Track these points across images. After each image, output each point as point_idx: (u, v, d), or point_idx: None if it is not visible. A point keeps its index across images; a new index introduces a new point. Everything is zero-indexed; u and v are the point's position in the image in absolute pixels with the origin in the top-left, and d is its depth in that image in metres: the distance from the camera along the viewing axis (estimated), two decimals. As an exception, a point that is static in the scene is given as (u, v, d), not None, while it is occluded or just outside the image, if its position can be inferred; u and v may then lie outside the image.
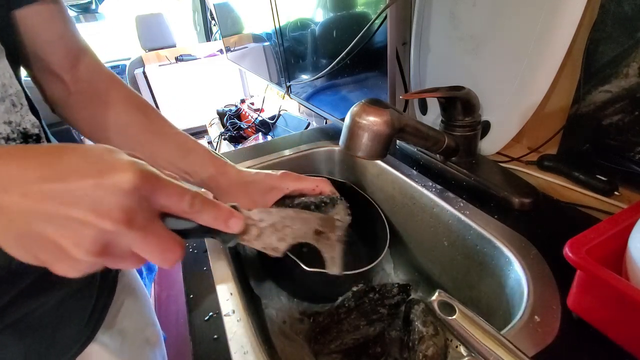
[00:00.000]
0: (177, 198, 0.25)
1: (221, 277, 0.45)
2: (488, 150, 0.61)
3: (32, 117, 0.36)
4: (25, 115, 0.36)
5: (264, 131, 1.62)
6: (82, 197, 0.21)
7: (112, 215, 0.21)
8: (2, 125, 0.33)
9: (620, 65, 0.45)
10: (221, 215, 0.28)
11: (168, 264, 0.24)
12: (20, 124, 0.35)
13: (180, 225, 0.26)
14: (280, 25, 1.00)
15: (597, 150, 0.51)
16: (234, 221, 0.29)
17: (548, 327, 0.33)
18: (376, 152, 0.46)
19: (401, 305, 0.51)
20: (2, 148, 0.22)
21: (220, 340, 0.37)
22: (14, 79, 0.35)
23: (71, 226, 0.21)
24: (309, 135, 0.84)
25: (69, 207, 0.21)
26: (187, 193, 0.25)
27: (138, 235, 0.23)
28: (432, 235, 0.57)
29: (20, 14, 0.37)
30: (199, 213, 0.26)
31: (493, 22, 0.54)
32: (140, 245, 0.23)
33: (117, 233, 0.22)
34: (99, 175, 0.21)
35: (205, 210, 0.27)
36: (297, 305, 0.59)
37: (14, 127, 0.35)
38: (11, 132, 0.34)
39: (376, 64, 0.67)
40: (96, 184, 0.21)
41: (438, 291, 0.28)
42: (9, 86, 0.34)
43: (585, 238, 0.32)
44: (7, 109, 0.34)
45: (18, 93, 0.35)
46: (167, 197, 0.24)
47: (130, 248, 0.23)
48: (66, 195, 0.21)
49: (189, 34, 3.50)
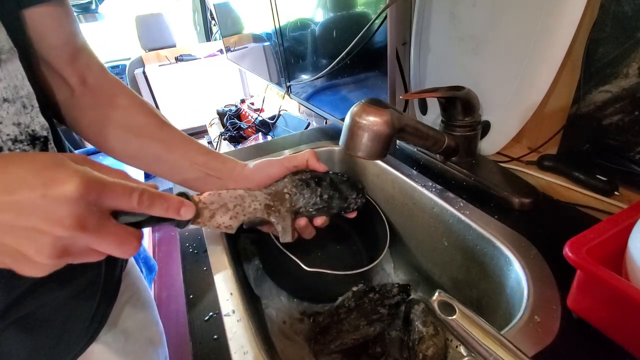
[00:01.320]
0: (125, 198, 0.26)
1: (221, 277, 0.45)
2: (488, 150, 0.61)
3: (42, 119, 0.36)
4: (35, 117, 0.36)
5: (264, 131, 1.62)
6: (33, 209, 0.22)
7: (64, 223, 0.23)
8: (11, 127, 0.34)
9: (620, 65, 0.45)
10: (172, 206, 0.30)
11: (127, 255, 0.27)
12: (29, 126, 0.35)
13: (135, 218, 0.29)
14: (280, 25, 1.00)
15: (597, 150, 0.51)
16: (185, 209, 0.31)
17: (548, 327, 0.33)
18: (376, 152, 0.46)
19: (401, 305, 0.51)
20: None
21: (220, 340, 0.37)
22: (25, 81, 0.35)
23: (29, 235, 0.22)
24: (309, 135, 0.84)
25: (23, 219, 0.22)
26: (134, 191, 0.27)
27: (93, 236, 0.24)
28: (432, 235, 0.57)
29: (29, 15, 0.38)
30: (150, 207, 0.28)
31: (493, 22, 0.54)
32: (97, 243, 0.25)
33: (72, 237, 0.23)
34: (44, 187, 0.22)
35: (155, 204, 0.29)
36: (297, 305, 0.59)
37: (23, 129, 0.35)
38: (19, 133, 0.34)
39: (376, 64, 0.67)
40: (43, 195, 0.22)
41: (438, 291, 0.28)
42: (21, 88, 0.34)
43: (585, 238, 0.32)
44: (17, 111, 0.34)
45: (29, 95, 0.35)
46: (115, 199, 0.26)
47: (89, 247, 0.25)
48: (17, 207, 0.22)
49: (189, 34, 3.50)
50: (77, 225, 0.23)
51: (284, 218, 0.41)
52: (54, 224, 0.23)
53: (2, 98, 0.32)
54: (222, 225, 0.37)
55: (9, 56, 0.33)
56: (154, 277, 1.67)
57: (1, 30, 0.33)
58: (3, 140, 0.33)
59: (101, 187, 0.25)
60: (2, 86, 0.32)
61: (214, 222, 0.37)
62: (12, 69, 0.33)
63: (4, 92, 0.33)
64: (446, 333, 0.43)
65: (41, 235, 0.23)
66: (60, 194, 0.23)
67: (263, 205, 0.40)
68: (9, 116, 0.33)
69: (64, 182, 0.23)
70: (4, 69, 0.33)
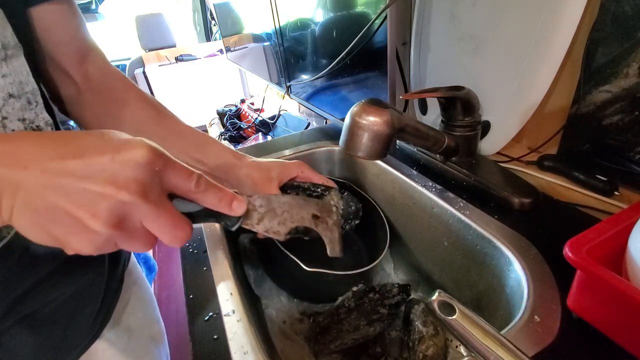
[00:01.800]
0: (184, 177, 0.26)
1: (221, 277, 0.45)
2: (488, 150, 0.61)
3: (46, 115, 0.37)
4: (39, 113, 0.36)
5: (264, 131, 1.62)
6: (100, 171, 0.22)
7: (129, 187, 0.22)
8: (16, 122, 0.34)
9: (620, 65, 0.45)
10: (225, 197, 0.29)
11: (177, 242, 0.26)
12: (34, 122, 0.36)
13: (187, 207, 0.28)
14: (280, 25, 1.00)
15: (597, 150, 0.51)
16: (237, 204, 0.30)
17: (548, 327, 0.33)
18: (376, 152, 0.46)
19: (401, 305, 0.51)
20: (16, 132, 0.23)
21: (220, 340, 0.37)
22: (30, 77, 0.35)
23: (89, 198, 0.22)
24: (309, 135, 0.84)
25: (87, 181, 0.22)
26: (193, 173, 0.27)
27: (152, 209, 0.24)
28: (432, 235, 0.57)
29: (36, 12, 0.38)
30: (204, 194, 0.28)
31: (493, 22, 0.54)
32: (153, 219, 0.24)
33: (133, 204, 0.23)
34: (115, 151, 0.22)
35: (210, 191, 0.28)
36: (297, 305, 0.59)
37: (27, 125, 0.35)
38: (24, 129, 0.35)
39: (376, 64, 0.67)
40: (112, 158, 0.22)
41: (438, 291, 0.28)
42: (26, 84, 0.35)
43: (585, 238, 0.32)
44: (22, 106, 0.34)
45: (34, 91, 0.35)
46: (176, 176, 0.26)
47: (143, 223, 0.24)
48: (84, 169, 0.22)
49: (189, 34, 3.49)
50: (140, 191, 0.23)
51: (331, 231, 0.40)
52: (119, 187, 0.22)
53: (7, 94, 0.33)
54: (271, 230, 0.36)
55: (15, 52, 0.33)
56: (154, 277, 1.67)
57: (7, 27, 0.33)
58: None
59: (167, 159, 0.25)
60: (7, 82, 0.33)
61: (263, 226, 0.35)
62: (18, 65, 0.34)
63: (9, 87, 0.33)
64: (446, 333, 0.43)
65: (102, 199, 0.22)
66: (130, 158, 0.23)
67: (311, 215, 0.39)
68: (14, 112, 0.33)
69: (134, 148, 0.23)
70: (9, 65, 0.33)
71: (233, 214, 0.31)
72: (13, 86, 0.33)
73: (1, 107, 0.32)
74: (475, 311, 0.27)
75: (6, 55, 0.32)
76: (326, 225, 0.40)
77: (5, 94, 0.32)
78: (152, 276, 1.64)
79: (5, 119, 0.33)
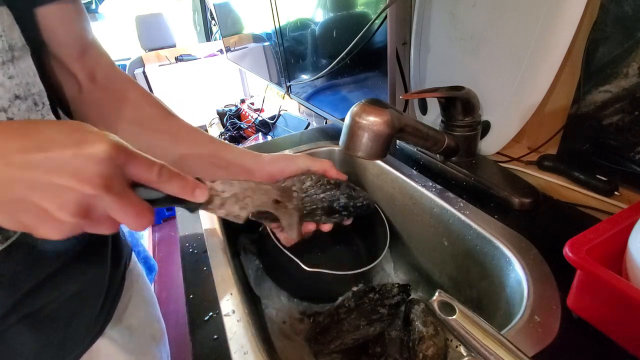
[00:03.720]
0: (146, 168, 0.27)
1: (221, 277, 0.45)
2: (488, 150, 0.61)
3: (52, 116, 0.37)
4: (46, 115, 0.36)
5: (264, 131, 1.62)
6: (63, 166, 0.23)
7: (92, 181, 0.23)
8: None
9: (620, 65, 0.45)
10: (187, 185, 0.30)
11: (140, 228, 0.27)
12: None
13: (150, 195, 0.29)
14: (280, 25, 1.00)
15: (597, 150, 0.51)
16: (199, 191, 0.32)
17: (548, 327, 0.33)
18: (376, 152, 0.46)
19: (401, 305, 0.51)
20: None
21: (220, 340, 0.37)
22: (37, 78, 0.35)
23: (54, 191, 0.23)
24: (309, 135, 0.84)
25: (52, 174, 0.23)
26: (155, 164, 0.28)
27: (115, 200, 0.25)
28: (432, 235, 0.57)
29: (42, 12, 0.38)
30: (167, 183, 0.29)
31: (493, 22, 0.54)
32: (117, 208, 0.25)
33: (97, 197, 0.24)
34: (76, 146, 0.23)
35: (172, 180, 0.29)
36: (297, 305, 0.59)
37: None
38: None
39: (376, 64, 0.67)
40: (75, 153, 0.23)
41: (438, 291, 0.28)
42: (32, 85, 0.34)
43: (585, 238, 0.32)
44: (28, 108, 0.34)
45: (41, 92, 0.35)
46: (138, 167, 0.27)
47: (107, 212, 0.26)
48: (48, 163, 0.23)
49: (189, 34, 3.49)
50: (104, 185, 0.24)
51: (290, 214, 0.41)
52: (83, 181, 0.23)
53: (14, 95, 0.33)
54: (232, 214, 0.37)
55: (22, 53, 0.33)
56: (154, 277, 1.67)
57: (15, 28, 0.33)
58: None
59: (128, 153, 0.26)
60: (14, 83, 0.32)
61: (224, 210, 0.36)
62: (25, 66, 0.34)
63: (16, 89, 0.33)
64: (446, 333, 0.43)
65: (68, 192, 0.23)
66: (92, 153, 0.23)
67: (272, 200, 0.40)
68: (20, 113, 0.33)
69: (95, 143, 0.24)
70: (16, 66, 0.33)
71: (195, 201, 0.32)
72: (20, 87, 0.33)
73: (7, 109, 0.32)
74: (475, 311, 0.27)
75: (13, 57, 0.32)
76: (285, 209, 0.41)
77: (11, 95, 0.32)
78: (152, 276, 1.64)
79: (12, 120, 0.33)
